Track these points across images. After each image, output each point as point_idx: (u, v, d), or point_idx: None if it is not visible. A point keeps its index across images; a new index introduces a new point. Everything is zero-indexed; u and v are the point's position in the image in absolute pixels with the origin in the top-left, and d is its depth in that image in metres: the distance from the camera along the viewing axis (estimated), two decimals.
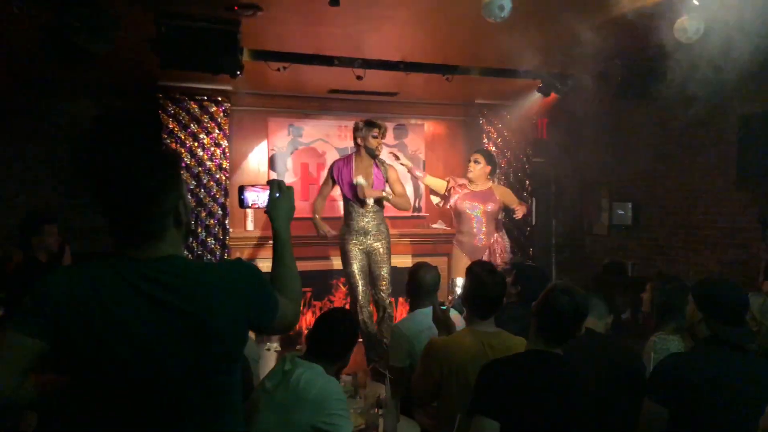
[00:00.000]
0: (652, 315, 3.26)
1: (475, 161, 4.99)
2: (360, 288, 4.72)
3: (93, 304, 1.26)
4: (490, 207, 4.95)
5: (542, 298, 2.14)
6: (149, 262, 1.32)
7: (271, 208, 1.65)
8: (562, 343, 2.14)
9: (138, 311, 1.27)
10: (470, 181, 5.01)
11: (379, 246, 4.75)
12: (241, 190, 1.73)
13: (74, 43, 3.33)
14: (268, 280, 1.51)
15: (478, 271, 2.61)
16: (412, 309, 3.30)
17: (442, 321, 2.77)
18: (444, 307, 2.86)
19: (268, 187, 1.68)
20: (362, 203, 4.64)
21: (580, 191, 7.12)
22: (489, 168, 5.02)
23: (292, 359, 2.24)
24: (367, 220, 4.71)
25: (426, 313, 3.00)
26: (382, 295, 4.79)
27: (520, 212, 4.91)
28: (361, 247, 4.73)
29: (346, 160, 4.83)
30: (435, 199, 5.54)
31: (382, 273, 4.77)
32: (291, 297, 1.58)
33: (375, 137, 4.64)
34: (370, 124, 4.64)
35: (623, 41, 4.07)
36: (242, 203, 1.73)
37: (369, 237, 4.73)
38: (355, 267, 4.71)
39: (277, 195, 1.67)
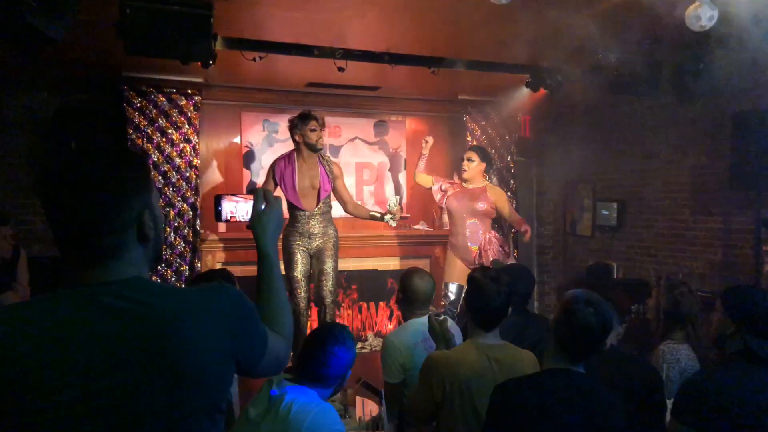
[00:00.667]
0: (658, 322, 3.09)
1: (469, 159, 4.77)
2: (302, 295, 4.42)
3: (25, 348, 0.98)
4: (481, 206, 4.73)
5: (563, 311, 1.92)
6: (103, 286, 1.06)
7: (255, 223, 1.39)
8: (585, 359, 1.91)
9: (89, 352, 1.00)
10: (464, 180, 4.81)
11: (324, 247, 4.44)
12: (218, 200, 1.48)
13: (30, 25, 2.99)
14: (255, 309, 1.23)
15: (480, 279, 2.41)
16: (405, 319, 3.05)
17: (439, 333, 2.53)
18: (440, 317, 2.62)
19: (250, 198, 1.43)
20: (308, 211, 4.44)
21: (562, 191, 6.96)
22: (484, 165, 4.81)
23: (280, 383, 1.95)
24: (313, 223, 4.42)
25: (422, 323, 2.76)
26: (325, 292, 4.42)
27: (527, 235, 4.60)
28: (305, 249, 4.43)
29: (287, 159, 4.45)
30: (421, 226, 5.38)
31: (326, 269, 4.41)
32: (280, 331, 1.30)
33: (313, 130, 4.30)
34: (305, 117, 4.31)
35: (620, 32, 3.87)
36: (219, 216, 1.48)
37: (315, 239, 4.43)
38: (298, 272, 4.40)
39: (263, 207, 1.40)
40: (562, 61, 4.43)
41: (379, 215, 4.56)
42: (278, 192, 4.34)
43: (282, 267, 4.23)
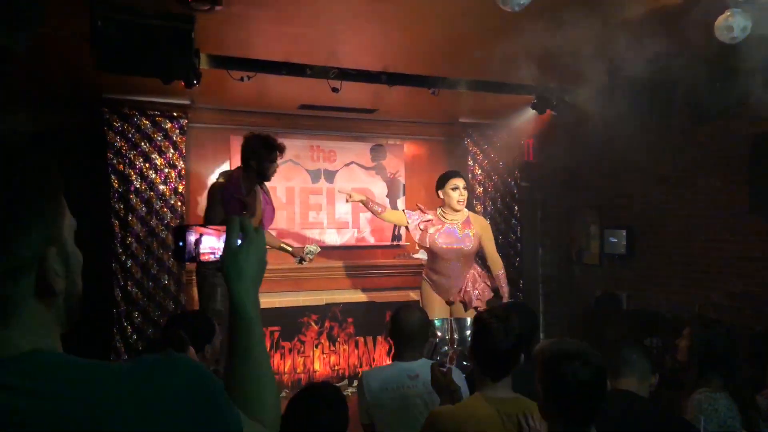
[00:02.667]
0: (691, 366, 2.76)
1: (464, 187, 4.26)
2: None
3: None
4: (468, 246, 4.24)
5: (549, 368, 1.67)
6: None
7: (228, 263, 1.01)
8: (592, 420, 1.63)
9: None
10: (455, 210, 4.25)
11: None
12: (180, 232, 1.07)
13: None
14: (225, 393, 0.82)
15: (486, 319, 2.10)
16: (394, 358, 2.74)
17: (444, 386, 2.20)
18: (445, 367, 2.30)
19: (222, 229, 1.05)
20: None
21: (568, 217, 6.67)
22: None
23: None
24: None
25: (406, 368, 2.46)
26: None
27: (505, 297, 4.25)
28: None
29: (232, 182, 3.87)
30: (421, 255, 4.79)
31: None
32: (262, 417, 0.93)
33: (273, 162, 3.87)
34: (270, 147, 3.82)
35: (632, 49, 3.63)
36: (181, 255, 1.07)
37: None
38: (224, 306, 3.82)
39: (238, 242, 1.03)
40: (570, 81, 4.18)
41: (289, 249, 4.18)
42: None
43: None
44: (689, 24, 3.06)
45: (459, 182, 4.23)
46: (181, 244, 1.07)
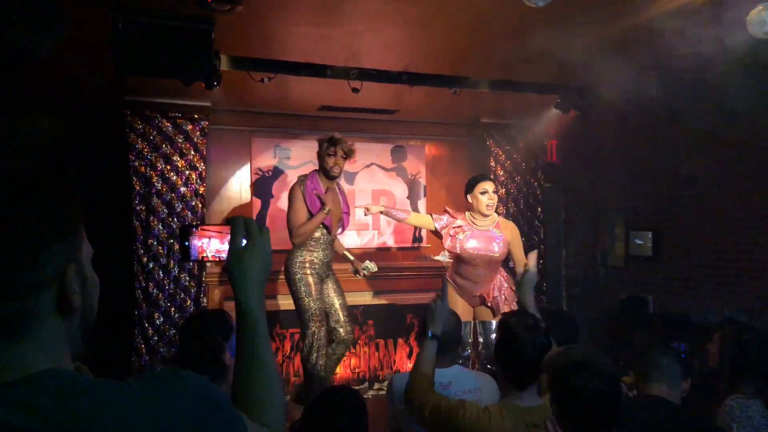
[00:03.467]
0: (723, 371, 2.67)
1: (494, 191, 4.10)
2: (323, 329, 4.03)
3: None
4: (498, 252, 4.10)
5: (558, 380, 1.61)
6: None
7: (233, 265, 1.02)
8: (609, 429, 1.58)
9: None
10: (485, 216, 4.11)
11: (332, 279, 4.22)
12: (185, 233, 1.10)
13: (15, 43, 2.74)
14: (230, 403, 0.86)
15: (514, 327, 2.01)
16: None
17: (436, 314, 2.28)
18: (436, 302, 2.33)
19: (227, 230, 1.05)
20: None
21: (592, 219, 6.56)
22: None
23: None
24: (327, 252, 4.12)
25: (438, 376, 2.38)
26: (343, 328, 4.18)
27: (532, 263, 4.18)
28: (320, 279, 4.10)
29: (311, 179, 4.10)
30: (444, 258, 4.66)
31: (342, 302, 4.22)
32: (268, 421, 0.94)
33: (330, 155, 4.01)
34: (326, 140, 4.03)
35: (660, 48, 3.53)
36: (186, 254, 1.09)
37: (329, 268, 4.19)
38: (318, 304, 4.02)
39: (243, 243, 1.03)
40: (595, 80, 4.09)
41: (351, 258, 4.39)
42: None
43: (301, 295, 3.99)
44: (720, 20, 2.97)
45: (489, 186, 4.09)
46: (186, 244, 1.12)
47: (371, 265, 4.34)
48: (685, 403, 2.38)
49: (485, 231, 4.11)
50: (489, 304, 4.27)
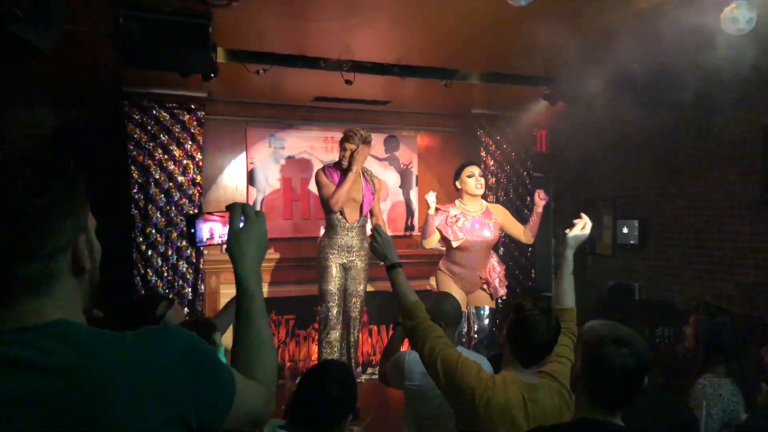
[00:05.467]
0: (697, 353, 2.81)
1: (478, 175, 4.27)
2: (335, 309, 4.38)
3: None
4: (490, 236, 4.27)
5: (589, 353, 1.65)
6: (19, 333, 0.85)
7: (232, 245, 1.16)
8: (623, 408, 1.66)
9: None
10: (471, 200, 4.28)
11: (360, 263, 4.46)
12: (192, 220, 1.22)
13: (15, 35, 2.82)
14: (216, 355, 1.01)
15: (529, 310, 2.06)
16: None
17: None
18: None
19: (226, 215, 1.18)
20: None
21: (580, 208, 6.68)
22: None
23: (273, 431, 1.71)
24: (352, 235, 4.41)
25: None
26: (353, 314, 4.51)
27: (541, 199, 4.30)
28: (341, 263, 4.41)
29: (335, 168, 4.45)
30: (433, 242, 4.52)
31: (358, 290, 4.50)
32: (261, 377, 1.08)
33: (344, 150, 4.32)
34: (342, 139, 4.37)
35: (645, 40, 3.64)
36: (193, 240, 1.23)
37: (352, 252, 4.42)
38: (333, 285, 4.38)
39: (241, 225, 1.17)
40: (582, 72, 4.20)
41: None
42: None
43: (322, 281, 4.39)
44: (696, 15, 3.07)
45: (474, 169, 4.31)
46: (194, 230, 1.24)
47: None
48: (669, 384, 2.52)
49: (478, 217, 4.27)
50: (487, 289, 4.42)
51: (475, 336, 4.38)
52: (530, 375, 2.08)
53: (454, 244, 4.25)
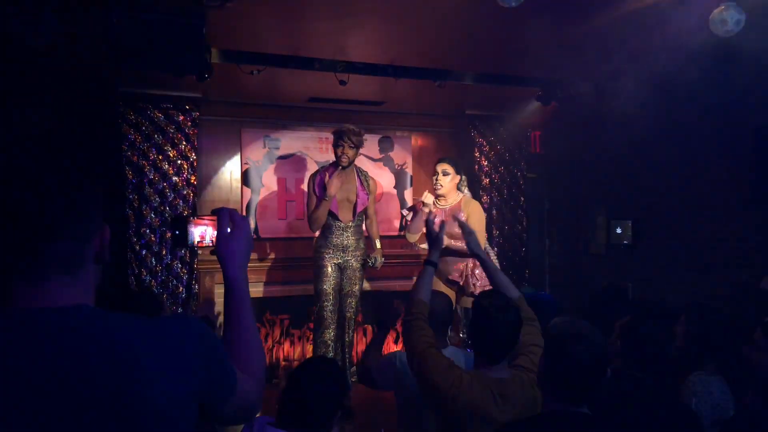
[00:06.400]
0: (688, 350, 2.83)
1: (444, 173, 4.21)
2: (330, 309, 4.42)
3: None
4: (458, 228, 4.26)
5: (557, 345, 1.73)
6: (46, 313, 0.89)
7: (221, 248, 1.22)
8: (585, 399, 1.70)
9: (22, 394, 0.83)
10: (438, 196, 4.28)
11: (355, 263, 4.50)
12: (182, 223, 1.28)
13: (8, 33, 2.84)
14: (222, 342, 1.09)
15: (487, 307, 2.11)
16: None
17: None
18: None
19: (215, 219, 1.24)
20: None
21: (573, 208, 6.72)
22: (458, 178, 4.29)
23: (262, 428, 1.73)
24: (347, 235, 4.44)
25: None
26: (348, 314, 4.56)
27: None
28: (336, 262, 4.44)
29: (329, 170, 4.45)
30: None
31: (353, 289, 4.53)
32: (251, 372, 1.14)
33: (337, 146, 4.33)
34: (335, 134, 4.37)
35: (633, 41, 3.68)
36: (181, 242, 1.28)
37: (348, 252, 4.46)
38: (328, 285, 4.41)
39: (228, 229, 1.23)
40: (575, 73, 4.24)
41: (377, 246, 4.73)
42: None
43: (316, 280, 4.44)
44: (687, 17, 3.11)
45: (438, 168, 4.25)
46: (185, 234, 1.30)
47: (380, 260, 4.66)
48: (662, 381, 2.54)
49: (446, 210, 4.25)
50: (471, 292, 4.40)
51: (464, 337, 4.40)
52: (500, 370, 2.11)
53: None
